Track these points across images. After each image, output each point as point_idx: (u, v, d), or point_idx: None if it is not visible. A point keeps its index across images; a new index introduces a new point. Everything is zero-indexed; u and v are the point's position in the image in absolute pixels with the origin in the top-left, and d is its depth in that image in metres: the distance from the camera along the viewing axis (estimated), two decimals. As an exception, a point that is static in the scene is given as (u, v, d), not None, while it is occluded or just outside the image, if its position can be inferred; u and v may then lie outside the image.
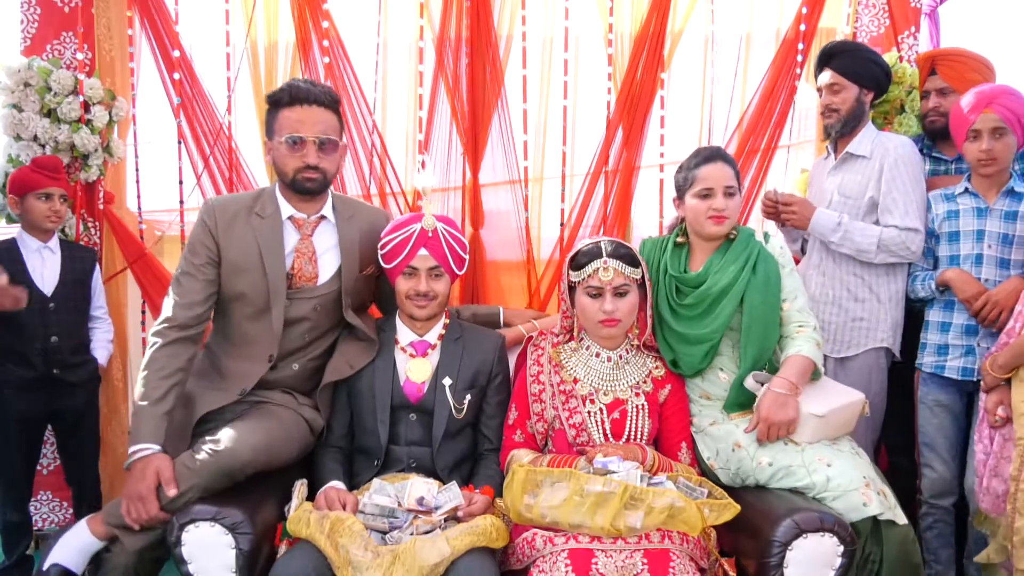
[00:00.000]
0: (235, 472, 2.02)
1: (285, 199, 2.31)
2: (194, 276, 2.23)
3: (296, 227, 2.31)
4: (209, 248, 2.25)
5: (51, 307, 2.77)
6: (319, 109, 2.23)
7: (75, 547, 2.05)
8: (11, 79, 2.97)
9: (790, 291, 2.32)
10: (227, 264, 2.25)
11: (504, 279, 3.24)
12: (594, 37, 3.24)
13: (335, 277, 2.33)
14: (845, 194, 2.68)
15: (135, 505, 1.98)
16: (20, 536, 2.79)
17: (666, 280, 2.36)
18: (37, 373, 2.75)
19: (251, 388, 2.25)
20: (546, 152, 3.26)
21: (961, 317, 2.49)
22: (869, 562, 2.04)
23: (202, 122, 3.21)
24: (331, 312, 2.33)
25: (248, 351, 2.28)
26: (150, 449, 2.03)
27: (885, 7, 3.13)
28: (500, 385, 2.39)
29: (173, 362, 2.14)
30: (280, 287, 2.25)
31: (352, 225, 2.36)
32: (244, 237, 2.26)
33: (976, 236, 2.49)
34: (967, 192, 2.53)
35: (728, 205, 2.29)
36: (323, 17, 3.14)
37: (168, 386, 2.11)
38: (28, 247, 2.79)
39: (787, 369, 2.21)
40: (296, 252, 2.29)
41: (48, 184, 2.76)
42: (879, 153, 2.65)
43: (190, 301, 2.21)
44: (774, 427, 2.14)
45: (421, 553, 1.86)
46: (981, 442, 2.31)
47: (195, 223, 2.30)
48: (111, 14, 3.16)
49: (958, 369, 2.50)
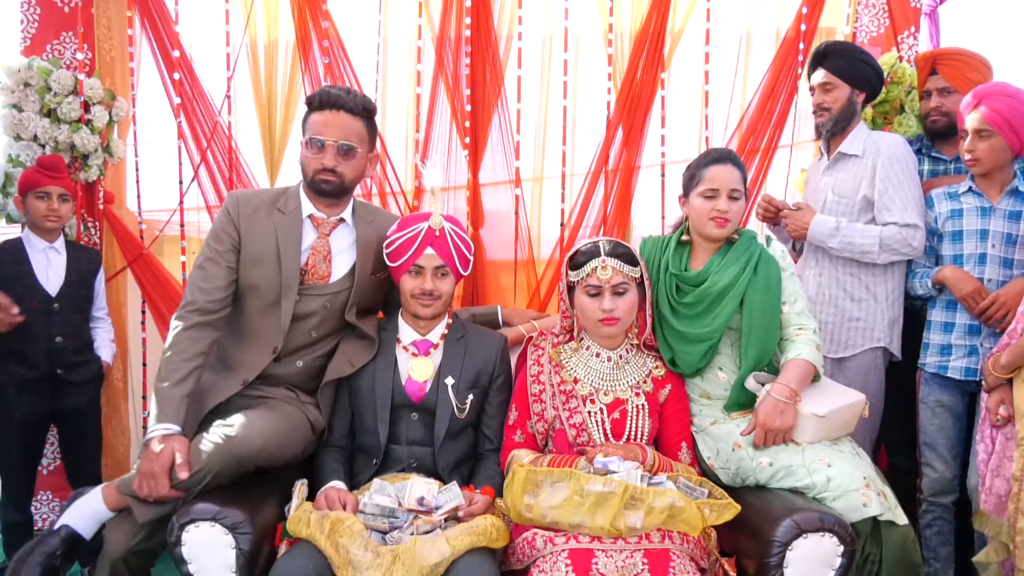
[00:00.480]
0: (247, 459, 2.04)
1: (308, 198, 2.35)
2: (217, 262, 2.26)
3: (315, 226, 2.34)
4: (232, 236, 2.28)
5: (55, 307, 2.79)
6: (345, 115, 2.27)
7: (88, 512, 2.08)
8: (11, 79, 2.98)
9: (790, 294, 2.32)
10: (245, 255, 2.28)
11: (504, 279, 3.25)
12: (594, 37, 3.24)
13: (347, 277, 2.35)
14: (839, 193, 2.68)
15: (147, 482, 1.99)
16: (21, 536, 2.79)
17: (666, 278, 2.36)
18: (40, 373, 2.76)
19: (254, 379, 2.26)
20: (546, 152, 3.27)
21: (964, 317, 2.49)
22: (869, 562, 2.04)
23: (202, 122, 3.21)
24: (338, 312, 2.35)
25: (255, 341, 2.30)
26: (170, 429, 2.04)
27: (885, 7, 3.13)
28: (502, 385, 2.39)
29: (194, 345, 2.17)
30: (292, 282, 2.28)
31: (370, 229, 2.39)
32: (264, 230, 2.29)
33: (980, 235, 2.48)
34: (971, 191, 2.52)
35: (731, 208, 2.29)
36: (323, 17, 3.14)
37: (189, 369, 2.13)
38: (34, 247, 2.81)
39: (787, 374, 2.21)
40: (312, 249, 2.32)
41: (46, 183, 2.77)
42: (871, 152, 2.65)
43: (212, 286, 2.24)
44: (771, 433, 2.15)
45: (421, 553, 1.86)
46: (983, 442, 2.31)
47: (219, 212, 2.34)
48: (111, 14, 3.17)
49: (961, 369, 2.50)
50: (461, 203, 3.21)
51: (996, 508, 2.23)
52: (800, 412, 2.17)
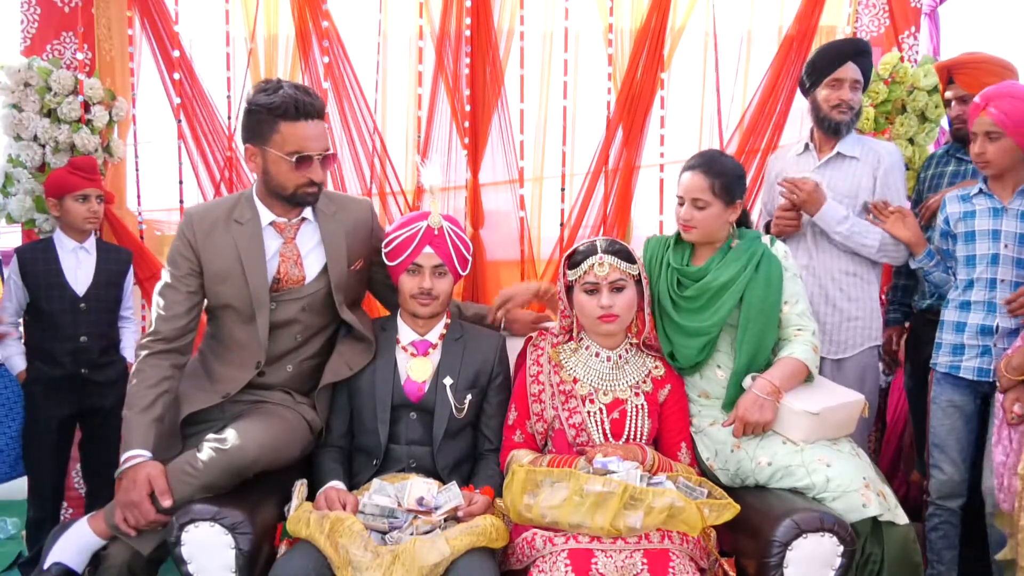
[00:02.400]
0: (243, 470, 2.02)
1: (265, 206, 2.26)
2: (176, 288, 2.22)
3: (278, 231, 2.27)
4: (190, 260, 2.23)
5: (82, 307, 2.81)
6: (319, 122, 2.19)
7: (76, 545, 2.05)
8: (11, 79, 2.98)
9: (792, 294, 2.32)
10: (209, 275, 2.24)
11: (504, 279, 3.25)
12: (594, 36, 3.24)
13: (321, 275, 2.30)
14: (835, 191, 2.66)
15: (130, 512, 1.97)
16: (41, 533, 2.78)
17: (668, 272, 2.37)
18: (65, 372, 2.79)
19: (239, 391, 2.24)
20: (546, 152, 3.27)
21: (977, 317, 2.47)
22: (869, 562, 2.04)
23: (202, 122, 3.21)
24: (320, 311, 2.32)
25: (238, 356, 2.27)
26: (141, 457, 2.02)
27: (885, 7, 3.13)
28: (501, 385, 2.39)
29: (158, 372, 2.13)
30: (262, 295, 2.22)
31: (336, 222, 2.33)
32: (224, 245, 2.23)
33: (992, 236, 2.46)
34: (982, 193, 2.51)
35: (694, 216, 2.30)
36: (323, 17, 3.14)
37: (155, 395, 2.10)
38: (64, 247, 2.84)
39: (774, 371, 2.22)
40: (280, 256, 2.27)
41: (85, 185, 2.82)
42: (870, 158, 2.65)
43: (173, 314, 2.20)
44: (748, 426, 2.18)
45: (421, 553, 1.86)
46: (1000, 443, 2.29)
47: (175, 235, 2.28)
48: (111, 14, 3.17)
49: (973, 370, 2.47)
50: (461, 203, 3.21)
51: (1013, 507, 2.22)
52: (793, 410, 2.17)
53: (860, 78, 2.63)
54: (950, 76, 2.84)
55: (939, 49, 3.38)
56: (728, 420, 2.23)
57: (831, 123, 2.64)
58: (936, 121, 3.04)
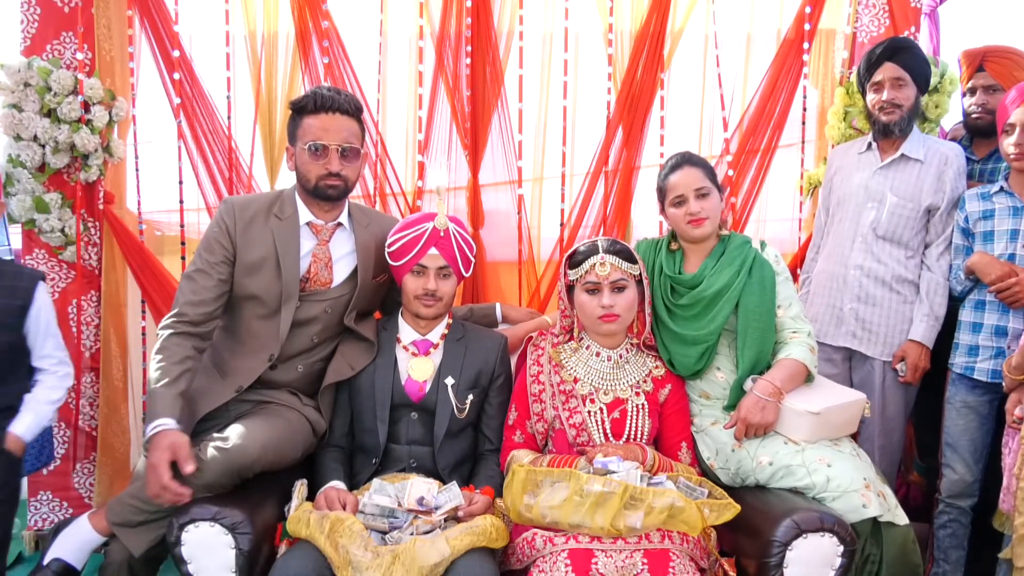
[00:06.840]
0: (244, 469, 2.02)
1: (304, 204, 2.32)
2: (208, 274, 2.22)
3: (314, 233, 2.32)
4: (226, 248, 2.24)
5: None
6: (342, 117, 2.23)
7: (76, 542, 2.06)
8: (11, 79, 2.97)
9: (784, 298, 2.33)
10: (242, 265, 2.25)
11: (504, 279, 3.25)
12: (594, 36, 3.24)
13: (349, 280, 2.34)
14: (901, 196, 2.63)
15: (150, 476, 1.93)
16: None
17: (661, 280, 2.37)
18: None
19: (249, 386, 2.25)
20: (546, 152, 3.27)
21: (992, 318, 2.47)
22: (869, 563, 2.04)
23: (202, 122, 3.21)
24: (340, 316, 2.34)
25: (251, 349, 2.28)
26: (165, 424, 1.98)
27: (885, 7, 3.13)
28: (502, 386, 2.39)
29: (182, 350, 2.13)
30: (293, 290, 2.25)
31: (368, 233, 2.37)
32: (262, 237, 2.26)
33: (1010, 235, 2.45)
34: (1002, 191, 2.50)
35: (703, 207, 2.31)
36: (323, 17, 3.13)
37: (180, 370, 2.09)
38: None
39: (775, 372, 2.23)
40: (312, 257, 2.30)
41: None
42: (936, 159, 2.63)
43: (202, 299, 2.20)
44: (751, 428, 2.18)
45: (421, 553, 1.86)
46: (1008, 445, 2.30)
47: (213, 220, 2.29)
48: (111, 14, 3.16)
49: (988, 371, 2.48)
50: (461, 203, 3.21)
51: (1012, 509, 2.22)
52: (795, 410, 2.17)
53: (902, 74, 2.61)
54: (980, 64, 2.81)
55: (939, 49, 3.37)
56: (730, 422, 2.23)
57: (880, 124, 2.66)
58: (936, 121, 3.04)
